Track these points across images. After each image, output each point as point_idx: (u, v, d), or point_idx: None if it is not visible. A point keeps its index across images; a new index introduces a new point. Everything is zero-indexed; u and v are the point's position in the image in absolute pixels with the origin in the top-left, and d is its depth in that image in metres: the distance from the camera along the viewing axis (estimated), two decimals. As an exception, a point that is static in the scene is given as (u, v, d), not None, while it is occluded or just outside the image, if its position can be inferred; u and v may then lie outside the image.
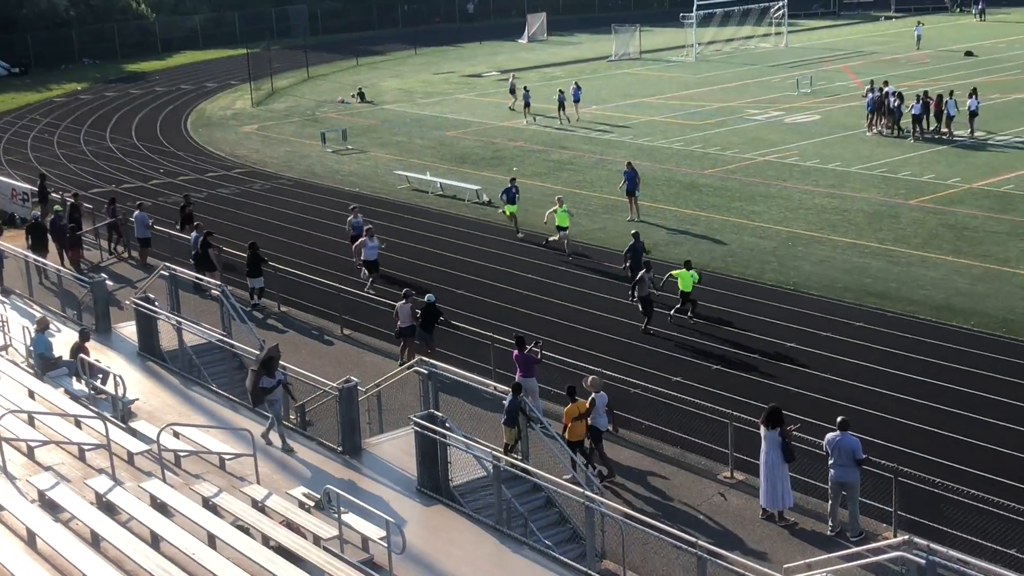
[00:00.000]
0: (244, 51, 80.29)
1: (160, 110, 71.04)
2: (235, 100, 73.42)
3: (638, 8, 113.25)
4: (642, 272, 28.25)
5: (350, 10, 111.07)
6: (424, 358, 21.38)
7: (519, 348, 23.09)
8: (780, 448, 19.23)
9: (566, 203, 35.62)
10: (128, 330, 25.32)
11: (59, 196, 40.79)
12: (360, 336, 29.33)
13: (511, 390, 19.72)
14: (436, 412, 18.57)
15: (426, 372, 20.40)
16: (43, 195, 40.52)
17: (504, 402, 19.76)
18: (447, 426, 17.91)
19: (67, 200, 38.55)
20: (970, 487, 18.62)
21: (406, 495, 17.99)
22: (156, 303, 24.43)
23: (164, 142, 59.93)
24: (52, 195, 41.20)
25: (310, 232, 39.31)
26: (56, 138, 62.89)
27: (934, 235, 35.11)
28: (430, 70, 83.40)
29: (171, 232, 35.92)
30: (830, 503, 19.26)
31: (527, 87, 61.46)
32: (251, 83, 73.80)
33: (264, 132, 61.33)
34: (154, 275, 28.38)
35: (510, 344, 23.64)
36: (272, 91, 75.79)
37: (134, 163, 54.37)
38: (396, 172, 47.85)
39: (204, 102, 73.47)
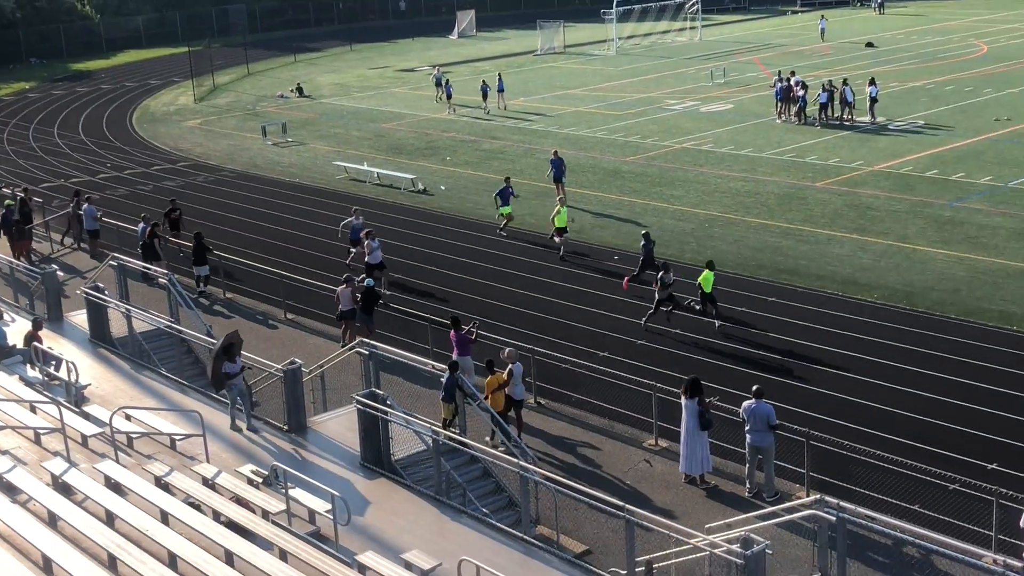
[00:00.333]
0: (186, 49, 79.17)
1: (106, 107, 69.80)
2: (178, 96, 72.32)
3: (562, 5, 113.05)
4: (660, 273, 26.49)
5: (288, 9, 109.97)
6: (365, 340, 21.32)
7: (455, 328, 23.07)
8: (698, 416, 19.45)
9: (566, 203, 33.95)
10: (79, 318, 24.98)
11: (10, 191, 40.03)
12: (303, 320, 29.12)
13: (448, 368, 19.71)
14: (377, 390, 18.52)
15: (367, 353, 20.37)
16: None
17: (442, 380, 19.74)
18: (388, 403, 17.89)
19: (17, 195, 37.85)
20: (876, 448, 18.97)
21: (350, 469, 17.95)
22: (106, 292, 24.12)
23: (111, 137, 58.92)
24: (3, 190, 40.39)
25: (253, 221, 38.91)
26: (6, 135, 61.56)
27: (839, 215, 35.57)
28: (365, 65, 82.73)
29: (119, 224, 35.35)
30: (747, 466, 19.50)
31: (448, 79, 61.37)
32: (193, 80, 72.72)
33: (207, 126, 60.52)
34: (103, 265, 27.97)
35: (446, 325, 23.63)
36: (214, 87, 74.75)
37: (82, 158, 53.42)
38: (335, 163, 47.50)
39: (148, 99, 72.28)
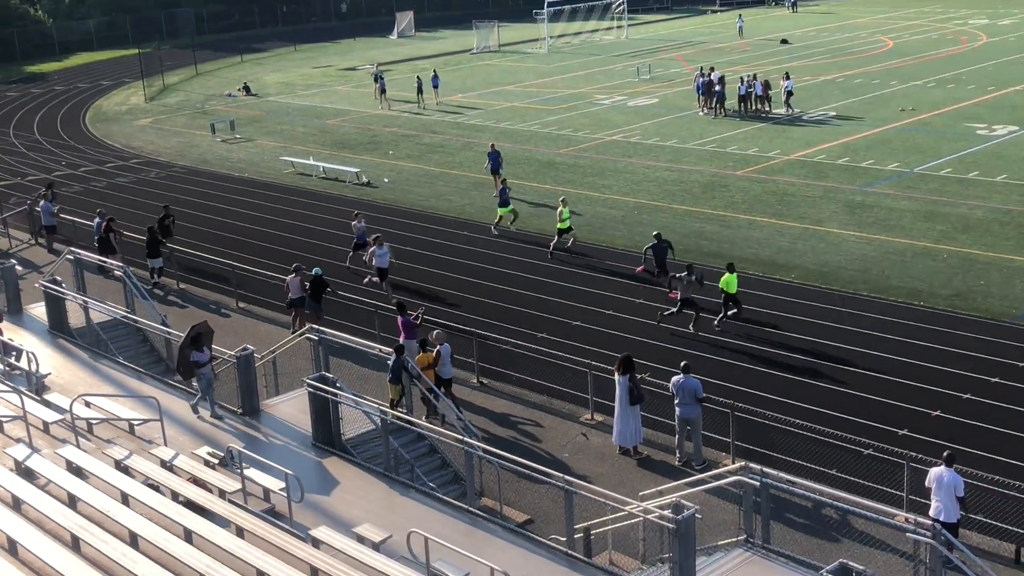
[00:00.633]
0: (136, 51, 78.03)
1: (60, 107, 68.52)
2: (129, 96, 71.18)
3: (496, 6, 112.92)
4: (683, 274, 25.29)
5: (234, 11, 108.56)
6: (314, 326, 21.22)
7: (401, 314, 23.04)
8: (629, 391, 19.61)
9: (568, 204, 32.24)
10: (38, 310, 24.60)
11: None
12: (254, 308, 28.89)
13: (394, 351, 19.69)
14: (327, 374, 18.45)
15: (316, 338, 20.26)
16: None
17: (389, 362, 19.73)
18: (338, 386, 17.82)
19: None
20: (796, 418, 19.25)
21: (302, 449, 17.88)
22: (63, 285, 23.77)
23: (65, 137, 57.86)
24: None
25: (203, 215, 38.47)
26: (-39, 135, 60.33)
27: (759, 201, 35.96)
28: (309, 64, 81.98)
29: (75, 220, 34.78)
30: (677, 437, 19.71)
31: (383, 74, 61.04)
32: (144, 80, 71.60)
33: (158, 125, 59.64)
34: (60, 259, 27.54)
35: (392, 311, 23.58)
36: (164, 87, 73.66)
37: (37, 157, 52.40)
38: (282, 158, 47.07)
39: (101, 99, 71.06)
